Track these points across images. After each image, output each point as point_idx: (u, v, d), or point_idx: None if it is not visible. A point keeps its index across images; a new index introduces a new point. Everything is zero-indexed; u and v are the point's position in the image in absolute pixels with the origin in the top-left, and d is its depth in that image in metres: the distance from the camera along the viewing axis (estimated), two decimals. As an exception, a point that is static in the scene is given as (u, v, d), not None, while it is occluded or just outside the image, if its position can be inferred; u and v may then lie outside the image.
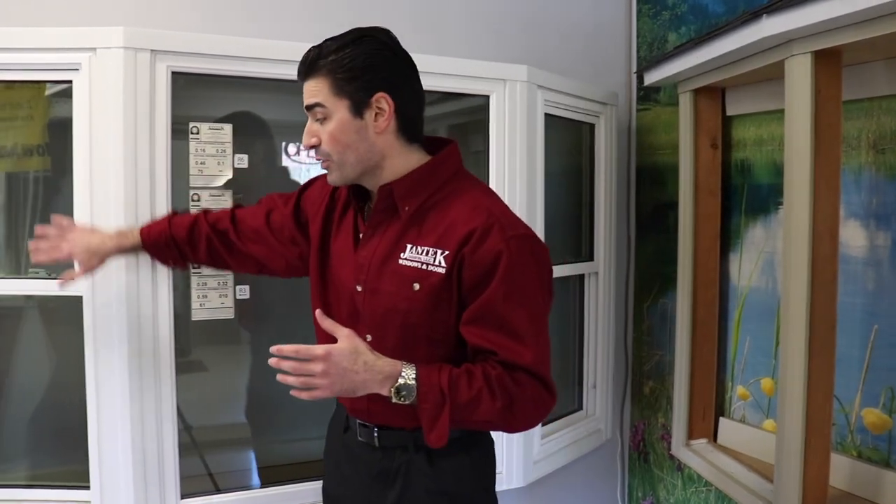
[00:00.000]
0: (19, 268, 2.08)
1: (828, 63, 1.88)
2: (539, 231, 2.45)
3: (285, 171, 2.47)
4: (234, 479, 2.36)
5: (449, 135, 2.65)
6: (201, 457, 2.27)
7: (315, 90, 1.48)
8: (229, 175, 2.10)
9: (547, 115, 2.49)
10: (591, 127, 2.86)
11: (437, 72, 2.26)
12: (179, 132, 2.01)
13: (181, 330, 2.05)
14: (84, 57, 1.89)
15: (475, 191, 1.54)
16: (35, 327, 2.20)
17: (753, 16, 1.92)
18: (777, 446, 2.01)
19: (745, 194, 2.47)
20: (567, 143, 2.86)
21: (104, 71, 1.89)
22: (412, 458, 1.56)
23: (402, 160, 1.53)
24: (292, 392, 1.36)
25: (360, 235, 1.59)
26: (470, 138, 2.60)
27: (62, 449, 2.16)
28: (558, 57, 2.84)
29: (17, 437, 2.19)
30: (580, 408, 2.94)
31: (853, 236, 2.08)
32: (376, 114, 1.48)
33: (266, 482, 2.30)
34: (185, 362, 2.15)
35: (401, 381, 1.38)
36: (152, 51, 1.92)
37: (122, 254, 1.83)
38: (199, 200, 2.07)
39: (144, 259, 1.92)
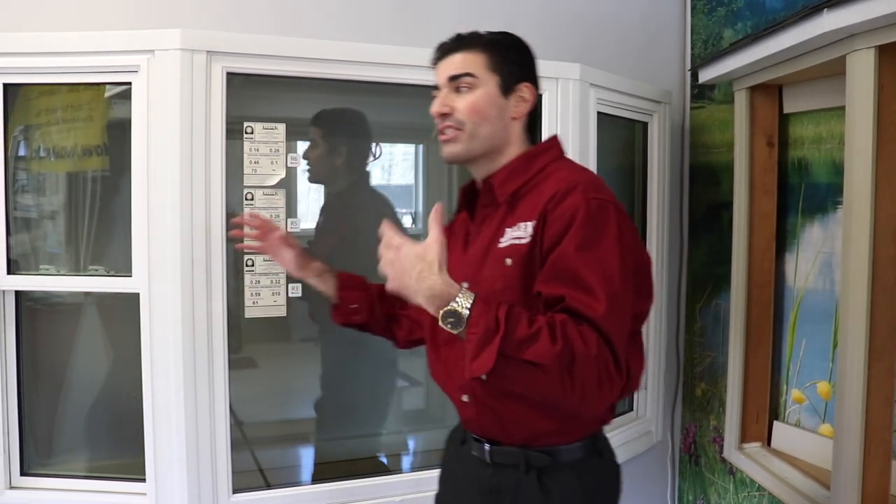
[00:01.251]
0: (79, 265, 2.13)
1: (892, 58, 1.83)
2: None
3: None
4: (284, 475, 2.39)
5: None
6: (252, 452, 2.30)
7: (467, 61, 1.51)
8: (282, 174, 2.13)
9: (599, 114, 2.47)
10: (644, 125, 2.82)
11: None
12: (234, 132, 2.04)
13: (233, 327, 2.08)
14: (143, 59, 1.93)
15: (569, 169, 1.53)
16: (93, 323, 2.25)
17: (814, 10, 1.88)
18: (834, 452, 1.96)
19: (802, 193, 2.41)
20: (620, 141, 2.83)
21: (162, 72, 1.93)
22: (522, 478, 1.49)
23: (516, 153, 1.56)
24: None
25: (469, 238, 1.60)
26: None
27: (119, 442, 2.21)
28: (611, 55, 2.81)
29: (77, 430, 2.24)
30: (631, 409, 2.91)
31: (917, 237, 2.01)
32: (517, 100, 1.54)
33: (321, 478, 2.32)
34: (237, 359, 2.18)
35: (451, 306, 1.29)
36: (208, 52, 1.95)
37: (315, 279, 1.83)
38: (252, 199, 2.10)
39: (199, 257, 1.94)
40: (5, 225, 2.01)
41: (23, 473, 2.10)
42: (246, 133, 2.09)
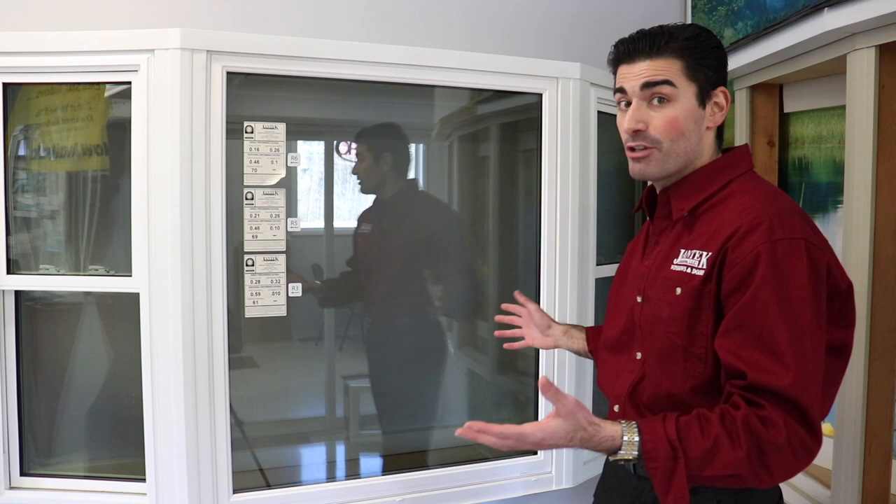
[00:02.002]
0: (79, 265, 2.13)
1: (892, 57, 1.83)
2: (591, 230, 2.43)
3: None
4: (285, 474, 2.39)
5: (500, 133, 2.64)
6: (252, 452, 2.30)
7: (663, 68, 1.36)
8: (282, 174, 2.13)
9: (600, 113, 2.47)
10: (644, 124, 2.82)
11: (489, 70, 2.26)
12: (234, 131, 2.04)
13: (233, 327, 2.08)
14: (143, 58, 1.93)
15: (756, 192, 1.36)
16: (93, 323, 2.25)
17: (814, 9, 1.88)
18: (835, 451, 1.96)
19: (802, 193, 2.41)
20: (620, 140, 2.83)
21: (162, 72, 1.92)
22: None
23: (706, 162, 1.43)
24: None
25: (647, 245, 1.52)
26: (521, 136, 2.59)
27: (119, 442, 2.21)
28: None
29: (77, 430, 2.24)
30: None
31: (917, 236, 2.01)
32: (713, 108, 1.41)
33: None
34: (237, 358, 2.18)
35: (620, 454, 1.23)
36: (208, 51, 1.95)
37: (564, 340, 1.84)
38: (252, 199, 2.09)
39: (199, 257, 1.95)
40: (5, 225, 2.01)
41: (23, 473, 2.10)
42: (246, 132, 2.09)
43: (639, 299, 1.44)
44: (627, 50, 1.41)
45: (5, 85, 2.00)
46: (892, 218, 1.87)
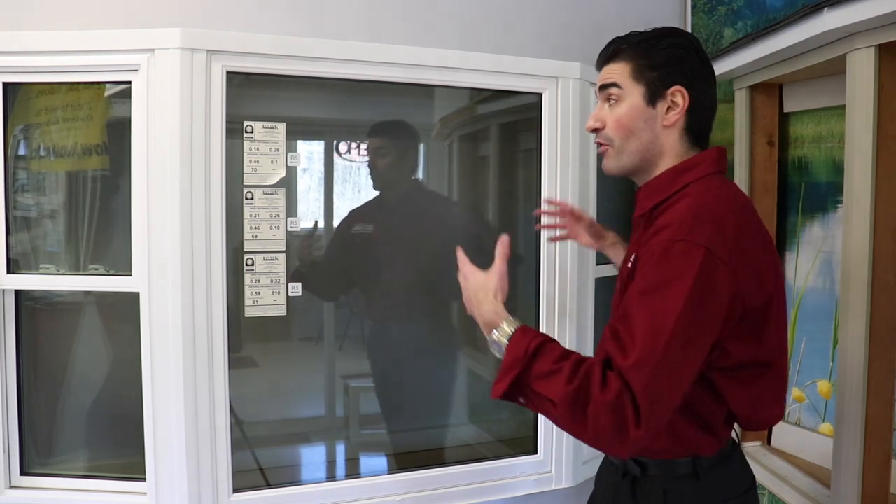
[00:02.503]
0: (79, 264, 2.13)
1: (892, 57, 1.83)
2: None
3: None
4: (285, 474, 2.39)
5: (500, 132, 2.64)
6: (252, 452, 2.30)
7: (614, 72, 1.48)
8: (282, 173, 2.13)
9: (599, 113, 2.47)
10: (644, 124, 2.82)
11: (489, 69, 2.26)
12: (234, 131, 2.04)
13: (233, 326, 2.08)
14: (143, 58, 1.93)
15: (697, 196, 1.41)
16: (93, 322, 2.25)
17: (814, 9, 1.88)
18: (835, 451, 1.96)
19: (802, 192, 2.41)
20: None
21: (162, 71, 1.93)
22: (619, 481, 1.55)
23: (674, 162, 1.48)
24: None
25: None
26: (521, 136, 2.59)
27: (119, 441, 2.21)
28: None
29: (77, 430, 2.24)
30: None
31: (917, 236, 2.01)
32: (669, 107, 1.46)
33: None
34: (237, 358, 2.18)
35: (494, 333, 1.41)
36: (208, 51, 1.95)
37: (609, 248, 1.99)
38: (252, 198, 2.09)
39: (199, 256, 1.95)
40: (5, 224, 2.01)
41: (23, 473, 2.10)
42: (246, 132, 2.09)
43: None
44: (599, 58, 1.55)
45: (5, 84, 2.00)
46: (891, 217, 1.87)
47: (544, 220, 2.11)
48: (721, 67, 2.43)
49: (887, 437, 1.89)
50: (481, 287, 1.46)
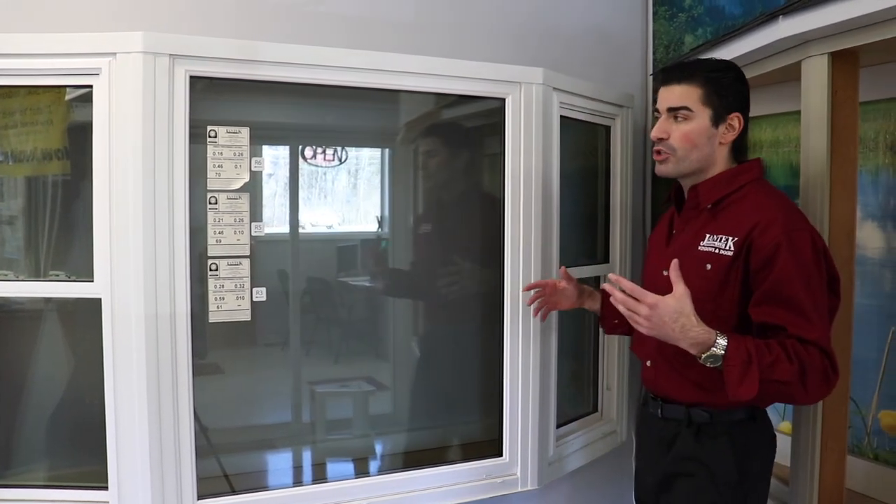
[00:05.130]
0: (39, 270, 2.10)
1: (845, 64, 1.88)
2: (554, 233, 2.45)
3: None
4: (250, 480, 2.37)
5: (465, 136, 2.66)
6: (217, 458, 2.29)
7: (685, 95, 1.79)
8: (246, 178, 2.12)
9: (562, 118, 2.49)
10: (607, 129, 2.85)
11: (453, 74, 2.28)
12: (197, 136, 2.03)
13: (198, 332, 2.07)
14: (104, 62, 1.91)
15: (768, 194, 1.77)
16: (54, 329, 2.22)
17: (770, 17, 1.93)
18: (793, 448, 2.00)
19: (760, 196, 2.46)
20: (583, 145, 2.86)
21: (124, 75, 1.91)
22: (683, 431, 1.82)
23: (722, 170, 1.83)
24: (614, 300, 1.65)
25: (674, 232, 1.92)
26: (486, 141, 2.61)
27: (81, 450, 2.18)
28: (574, 60, 2.84)
29: (37, 438, 2.21)
30: (595, 410, 2.94)
31: (870, 238, 2.07)
32: (727, 128, 1.80)
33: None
34: (202, 364, 2.16)
35: (712, 350, 1.58)
36: (171, 55, 1.93)
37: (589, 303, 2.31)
38: (216, 203, 2.08)
39: (162, 261, 1.93)
40: (-37, 230, 1.98)
41: (-19, 484, 2.06)
42: (209, 137, 2.08)
43: (665, 273, 1.71)
44: (664, 77, 1.85)
45: (-37, 88, 1.97)
46: (846, 220, 1.91)
47: (532, 298, 2.33)
48: (681, 73, 2.46)
49: (842, 434, 1.93)
50: (679, 313, 1.59)
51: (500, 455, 2.43)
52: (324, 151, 2.55)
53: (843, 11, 1.71)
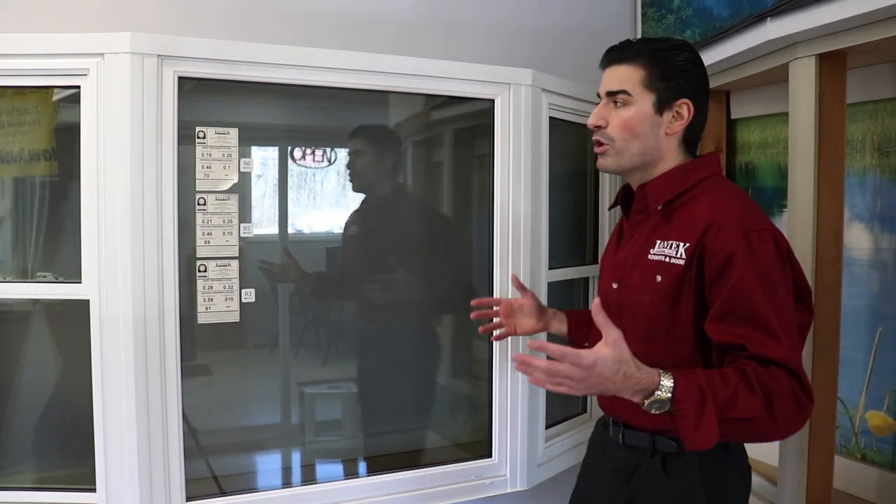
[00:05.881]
0: (26, 272, 2.09)
1: (832, 66, 1.89)
2: (542, 235, 2.45)
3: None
4: (239, 482, 2.37)
5: (454, 138, 2.66)
6: (206, 460, 2.28)
7: (625, 77, 1.56)
8: (235, 179, 2.11)
9: (552, 119, 2.50)
10: (596, 130, 2.86)
11: (442, 75, 2.27)
12: (186, 136, 2.02)
13: (186, 333, 2.06)
14: (92, 62, 1.90)
15: (723, 192, 1.56)
16: (41, 331, 2.20)
17: (758, 19, 1.93)
18: (780, 449, 2.01)
19: (749, 197, 2.47)
20: (572, 146, 2.87)
21: (112, 76, 1.90)
22: (647, 461, 1.59)
23: (672, 165, 1.60)
24: (531, 380, 1.34)
25: (621, 237, 1.70)
26: (475, 142, 2.61)
27: (68, 452, 2.17)
28: (563, 61, 2.84)
29: (24, 441, 2.19)
30: (584, 410, 2.94)
31: (858, 239, 2.08)
32: (673, 117, 1.57)
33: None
34: (190, 366, 2.15)
35: (656, 394, 1.33)
36: (159, 56, 1.93)
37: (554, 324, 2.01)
38: (205, 204, 2.08)
39: (150, 262, 1.93)
40: (-51, 231, 1.97)
41: (-32, 486, 2.05)
42: (198, 138, 2.08)
43: (614, 286, 1.61)
44: (607, 57, 1.62)
45: (-52, 89, 1.96)
46: (832, 221, 1.92)
47: (476, 315, 2.05)
48: (670, 75, 2.47)
49: (830, 434, 1.94)
50: (619, 362, 1.32)
51: (490, 456, 2.43)
52: (313, 152, 2.54)
53: (831, 13, 1.72)
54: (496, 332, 2.04)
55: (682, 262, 1.48)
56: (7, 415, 2.17)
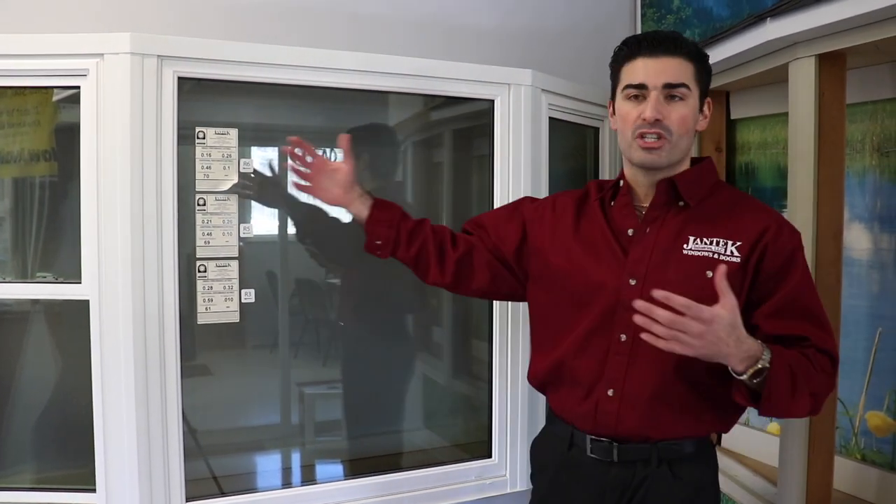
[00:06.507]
0: (26, 272, 2.09)
1: (832, 66, 1.89)
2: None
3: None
4: (239, 482, 2.37)
5: (453, 139, 2.66)
6: (206, 460, 2.28)
7: (681, 70, 1.54)
8: (235, 179, 2.11)
9: (551, 119, 2.50)
10: (596, 130, 2.86)
11: (442, 76, 2.27)
12: (185, 137, 2.02)
13: (186, 334, 2.06)
14: (92, 63, 1.90)
15: (746, 195, 1.69)
16: (41, 331, 2.20)
17: (758, 19, 1.93)
18: (781, 449, 2.01)
19: (749, 197, 2.47)
20: (571, 146, 2.87)
21: (112, 76, 1.90)
22: (654, 472, 1.56)
23: (687, 163, 1.64)
24: (644, 336, 1.36)
25: (631, 232, 1.61)
26: (474, 142, 2.61)
27: (68, 452, 2.17)
28: (562, 61, 2.84)
29: (24, 441, 2.19)
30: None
31: (857, 239, 2.08)
32: (703, 116, 1.61)
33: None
34: (190, 366, 2.15)
35: (760, 364, 1.39)
36: (159, 56, 1.93)
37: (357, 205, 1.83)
38: (204, 205, 2.08)
39: (150, 262, 1.92)
40: (-51, 231, 1.97)
41: (-33, 487, 2.05)
42: (198, 138, 2.08)
43: (632, 282, 1.55)
44: (650, 45, 1.55)
45: (-52, 89, 1.96)
46: (832, 221, 1.92)
47: (290, 162, 1.86)
48: (669, 75, 2.47)
49: (830, 435, 1.94)
50: (733, 324, 1.35)
51: (490, 457, 2.43)
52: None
53: (831, 14, 1.72)
54: (302, 182, 1.85)
55: (736, 259, 1.50)
56: (7, 415, 2.17)
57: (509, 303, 2.37)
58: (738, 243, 1.51)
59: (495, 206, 2.37)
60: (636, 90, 1.56)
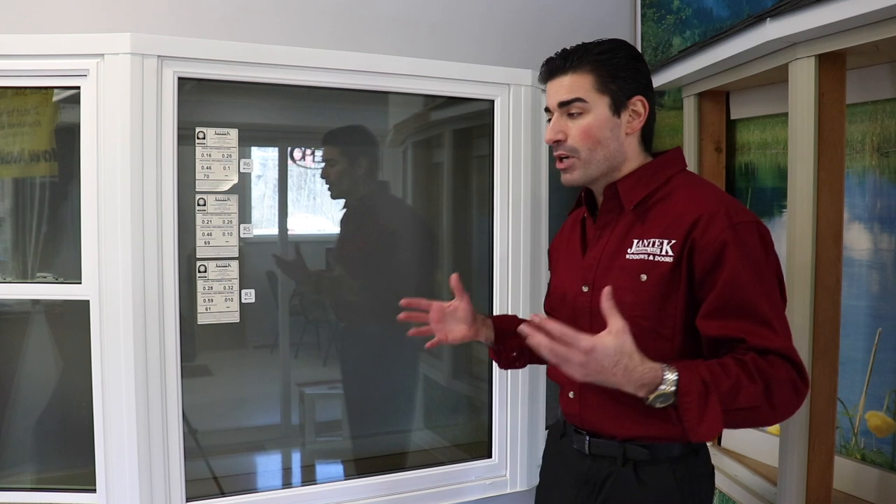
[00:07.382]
0: (26, 272, 2.09)
1: (832, 66, 1.88)
2: (543, 235, 2.45)
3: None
4: (239, 482, 2.37)
5: (453, 139, 2.66)
6: (206, 460, 2.28)
7: (575, 85, 1.51)
8: (235, 180, 2.12)
9: (551, 120, 2.50)
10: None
11: (442, 76, 2.28)
12: (186, 137, 2.02)
13: (186, 334, 2.06)
14: (92, 63, 1.91)
15: (700, 186, 1.55)
16: (42, 331, 2.21)
17: (758, 19, 1.93)
18: (780, 449, 2.01)
19: (749, 198, 2.47)
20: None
21: (112, 77, 1.90)
22: (618, 470, 1.54)
23: (637, 164, 1.57)
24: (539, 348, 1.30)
25: (587, 240, 1.63)
26: (474, 143, 2.61)
27: (69, 452, 2.17)
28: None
29: (25, 441, 2.20)
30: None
31: (857, 239, 2.08)
32: (630, 115, 1.54)
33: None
34: (190, 367, 2.16)
35: (660, 389, 1.31)
36: (159, 56, 1.93)
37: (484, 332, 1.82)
38: (204, 205, 2.08)
39: (150, 263, 1.93)
40: (-51, 232, 1.97)
41: (-32, 487, 2.05)
42: (198, 138, 2.08)
43: (584, 289, 1.55)
44: (549, 69, 1.57)
45: (-51, 89, 1.96)
46: (832, 222, 1.92)
47: (407, 318, 1.80)
48: (670, 75, 2.48)
49: (830, 435, 1.94)
50: (620, 353, 1.29)
51: (490, 457, 2.43)
52: (312, 153, 2.55)
53: (831, 14, 1.72)
54: (430, 340, 1.81)
55: (669, 259, 1.44)
56: (7, 415, 2.17)
57: (509, 303, 2.37)
58: (673, 241, 1.45)
59: (495, 206, 2.38)
60: (549, 115, 1.58)
